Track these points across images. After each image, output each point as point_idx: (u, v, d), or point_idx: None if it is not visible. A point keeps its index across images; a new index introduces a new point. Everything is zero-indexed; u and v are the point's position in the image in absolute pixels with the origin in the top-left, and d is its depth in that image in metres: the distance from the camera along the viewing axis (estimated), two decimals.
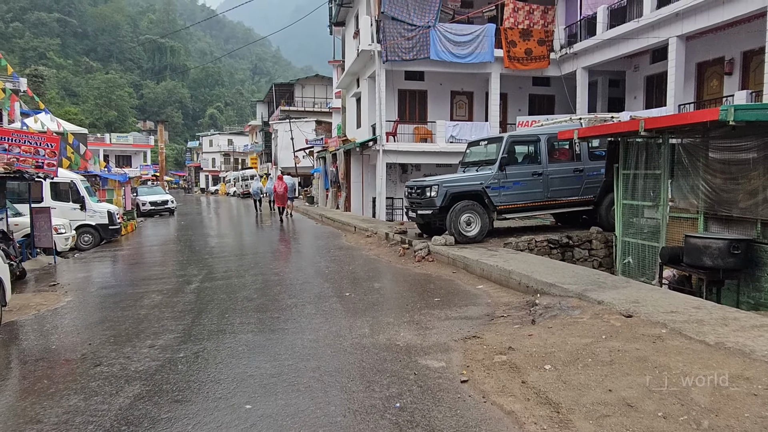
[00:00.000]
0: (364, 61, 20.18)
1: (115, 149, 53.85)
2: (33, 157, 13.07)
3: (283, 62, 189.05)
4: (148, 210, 30.09)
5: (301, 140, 40.08)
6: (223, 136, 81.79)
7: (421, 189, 10.58)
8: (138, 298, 8.12)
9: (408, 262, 10.02)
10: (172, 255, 13.78)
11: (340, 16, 24.60)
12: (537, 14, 19.93)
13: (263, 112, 62.22)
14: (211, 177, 78.69)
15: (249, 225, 21.81)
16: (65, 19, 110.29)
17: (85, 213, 16.97)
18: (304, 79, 54.42)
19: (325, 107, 50.41)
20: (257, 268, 10.42)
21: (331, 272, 9.48)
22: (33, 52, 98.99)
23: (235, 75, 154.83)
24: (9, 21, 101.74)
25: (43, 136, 13.27)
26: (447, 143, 19.65)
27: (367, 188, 21.06)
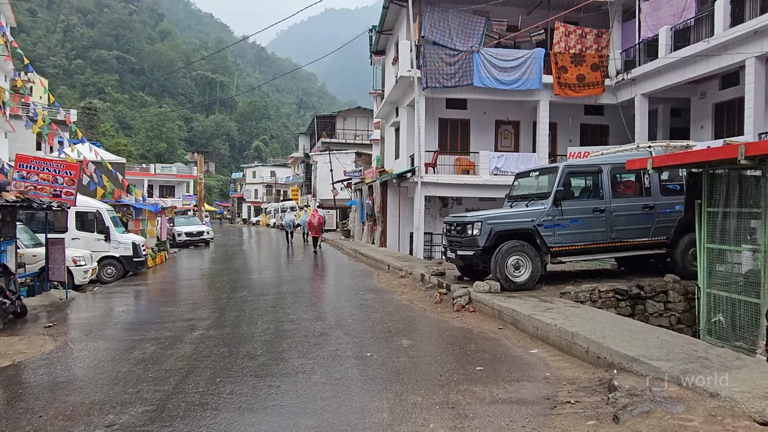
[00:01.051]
0: (404, 89, 19.17)
1: (160, 179, 54.74)
2: (51, 186, 12.42)
3: (328, 97, 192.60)
4: (184, 241, 29.68)
5: (340, 172, 39.39)
6: (266, 167, 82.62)
7: (462, 226, 9.18)
8: (129, 348, 6.98)
9: (445, 311, 8.56)
10: (189, 293, 12.75)
11: (380, 45, 23.86)
12: (590, 38, 18.54)
13: (305, 144, 62.37)
14: (253, 208, 79.21)
15: (279, 259, 20.77)
16: (124, 56, 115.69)
17: (109, 244, 16.31)
18: (345, 111, 54.30)
19: (365, 139, 49.94)
20: (273, 312, 9.17)
21: (355, 322, 8.12)
22: (93, 87, 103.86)
23: (281, 109, 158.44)
24: (72, 58, 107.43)
25: (62, 163, 12.65)
26: (491, 175, 18.23)
27: (405, 223, 19.76)
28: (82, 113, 62.85)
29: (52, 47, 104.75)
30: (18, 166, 12.23)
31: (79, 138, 24.58)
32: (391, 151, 22.99)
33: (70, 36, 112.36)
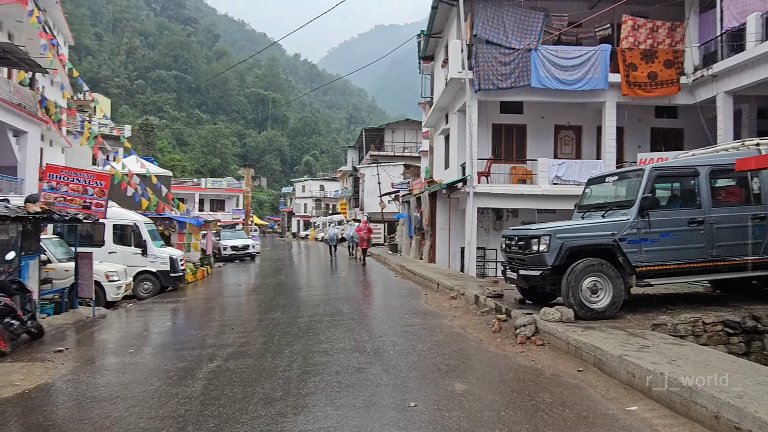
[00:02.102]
0: (454, 93, 17.85)
1: (210, 193, 55.34)
2: (80, 197, 11.79)
3: (377, 112, 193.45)
4: (229, 254, 29.24)
5: (387, 185, 38.33)
6: (316, 181, 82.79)
7: (526, 240, 7.73)
8: (130, 384, 5.93)
9: (506, 343, 7.12)
10: (220, 313, 11.78)
11: (428, 50, 22.67)
12: (662, 32, 16.69)
13: (354, 158, 61.91)
14: (302, 222, 79.37)
15: (321, 275, 19.72)
16: (182, 76, 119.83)
17: (146, 258, 15.68)
18: (394, 123, 53.43)
19: (414, 152, 48.85)
20: (305, 339, 7.99)
21: (398, 354, 6.81)
22: (152, 106, 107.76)
23: (331, 124, 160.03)
24: (134, 79, 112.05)
25: (92, 173, 12.02)
26: (550, 185, 16.58)
27: (455, 236, 18.32)
28: (139, 130, 64.80)
29: (115, 68, 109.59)
30: (47, 177, 11.68)
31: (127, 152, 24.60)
32: (441, 160, 21.65)
33: (132, 58, 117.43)
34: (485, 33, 15.91)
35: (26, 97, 19.58)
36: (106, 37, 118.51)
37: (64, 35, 33.47)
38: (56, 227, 14.87)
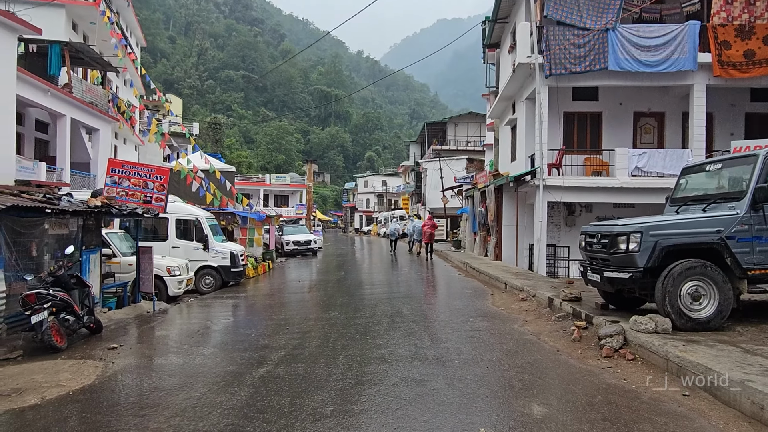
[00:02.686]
0: (522, 79, 16.75)
1: (275, 189, 56.31)
2: (141, 191, 11.78)
3: (440, 106, 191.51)
4: (291, 250, 29.36)
5: (450, 179, 37.37)
6: (378, 177, 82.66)
7: (611, 238, 6.76)
8: (174, 390, 5.54)
9: (589, 355, 6.21)
10: (277, 310, 11.43)
11: (494, 36, 21.56)
12: (761, 5, 14.86)
13: (416, 153, 61.15)
14: (365, 217, 79.54)
15: (382, 272, 19.17)
16: (249, 75, 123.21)
17: (208, 253, 15.69)
18: (456, 117, 52.20)
19: (478, 145, 47.52)
20: (362, 342, 7.40)
21: (463, 364, 6.07)
22: (221, 105, 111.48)
23: (394, 120, 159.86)
24: (205, 79, 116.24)
25: (153, 168, 11.98)
26: (630, 177, 15.20)
27: (523, 232, 17.25)
28: (207, 128, 66.98)
29: (187, 70, 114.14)
30: (110, 171, 11.74)
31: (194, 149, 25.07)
32: (507, 152, 20.54)
33: (203, 59, 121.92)
34: (557, 13, 14.72)
35: (98, 96, 20.22)
36: (179, 40, 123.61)
37: (136, 36, 34.73)
38: (123, 222, 15.13)
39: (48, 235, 8.72)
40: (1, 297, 7.49)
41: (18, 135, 18.22)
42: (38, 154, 18.93)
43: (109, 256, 12.96)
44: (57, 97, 16.71)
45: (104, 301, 10.80)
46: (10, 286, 7.83)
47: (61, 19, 21.36)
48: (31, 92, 15.18)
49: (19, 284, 8.02)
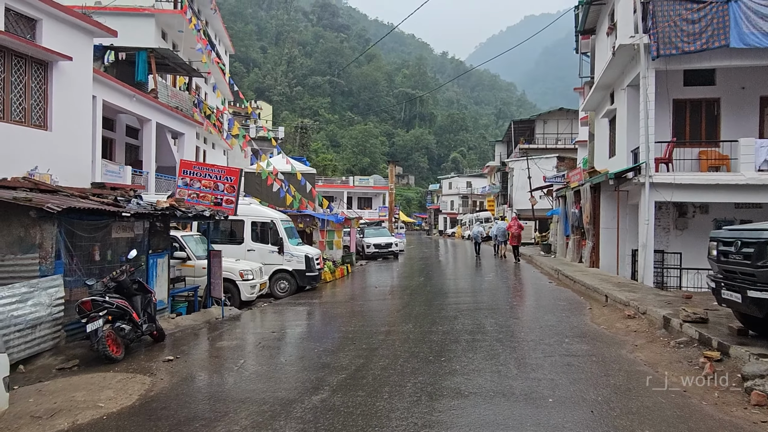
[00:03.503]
0: (623, 64, 14.85)
1: (358, 191, 56.38)
2: (212, 193, 11.46)
3: (528, 105, 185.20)
4: (372, 253, 28.77)
5: (539, 179, 35.21)
6: (462, 178, 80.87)
7: (759, 246, 5.21)
8: (213, 421, 4.81)
9: (730, 401, 4.75)
10: (347, 320, 10.62)
11: (588, 21, 19.60)
12: None
13: (502, 152, 58.87)
14: (449, 219, 78.05)
15: (465, 278, 17.92)
16: (335, 81, 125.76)
17: (283, 257, 15.28)
18: (545, 113, 49.50)
19: (569, 143, 44.70)
20: (434, 366, 6.34)
21: (559, 405, 4.84)
22: (309, 111, 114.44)
23: (479, 120, 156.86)
24: (293, 86, 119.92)
25: (223, 168, 11.65)
26: (757, 172, 12.94)
27: (624, 236, 15.31)
28: (294, 132, 68.62)
29: (278, 78, 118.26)
30: (182, 173, 11.54)
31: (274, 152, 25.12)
32: (604, 147, 18.54)
33: (292, 67, 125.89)
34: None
35: (183, 100, 20.65)
36: (270, 50, 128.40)
37: (224, 44, 35.85)
38: (201, 224, 15.11)
39: (112, 238, 8.43)
40: (60, 303, 7.21)
41: (109, 140, 18.99)
42: (129, 158, 19.59)
43: (183, 260, 12.83)
44: (143, 102, 17.10)
45: (173, 306, 10.53)
46: (70, 292, 7.57)
47: (150, 29, 22.12)
48: (117, 98, 15.55)
49: (81, 290, 7.76)
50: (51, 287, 7.10)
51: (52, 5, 9.49)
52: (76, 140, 10.36)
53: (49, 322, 7.04)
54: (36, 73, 9.43)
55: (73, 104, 10.29)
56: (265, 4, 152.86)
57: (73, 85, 10.18)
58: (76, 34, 10.23)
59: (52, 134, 9.81)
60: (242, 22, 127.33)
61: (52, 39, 9.55)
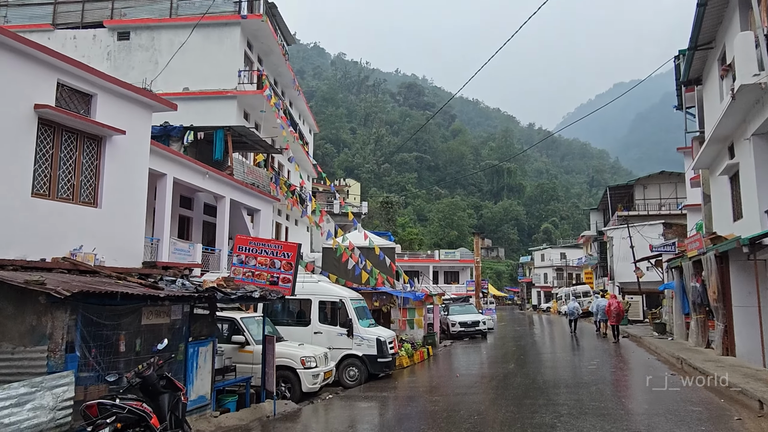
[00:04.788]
0: (744, 109, 12.53)
1: (444, 265, 54.42)
2: (268, 271, 10.40)
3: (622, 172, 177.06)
4: (458, 332, 26.51)
5: (643, 248, 31.67)
6: (555, 249, 76.38)
7: None
8: None
9: None
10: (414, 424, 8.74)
11: (693, 70, 17.43)
12: None
13: (598, 221, 55.01)
14: (543, 293, 73.24)
15: (563, 365, 15.34)
16: (422, 156, 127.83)
17: (352, 340, 13.77)
18: (645, 178, 45.78)
19: (674, 209, 40.67)
20: None
21: None
22: (396, 186, 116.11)
23: (570, 189, 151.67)
24: (381, 163, 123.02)
25: (279, 244, 10.61)
26: None
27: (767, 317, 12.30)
28: (380, 208, 68.92)
29: (366, 156, 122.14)
30: (237, 249, 10.63)
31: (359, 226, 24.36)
32: (725, 209, 15.74)
33: (379, 145, 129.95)
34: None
35: (260, 177, 20.58)
36: (359, 130, 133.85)
37: (309, 124, 36.84)
38: (268, 305, 14.13)
39: (142, 325, 7.43)
40: (68, 406, 6.12)
41: (186, 218, 19.02)
42: (206, 236, 19.47)
43: (242, 344, 11.74)
44: (217, 180, 16.98)
45: (219, 402, 9.25)
46: (86, 390, 6.51)
47: (233, 110, 22.76)
48: (190, 176, 15.47)
49: (100, 388, 6.71)
50: (58, 386, 6.05)
51: (107, 79, 9.29)
52: (127, 217, 9.84)
53: (51, 429, 5.94)
54: (88, 148, 9.10)
55: (127, 180, 9.87)
56: (354, 89, 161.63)
57: (127, 160, 9.81)
58: (133, 108, 9.99)
59: (101, 211, 9.33)
60: (333, 106, 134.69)
61: (106, 113, 9.29)
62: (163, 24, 23.72)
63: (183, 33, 23.74)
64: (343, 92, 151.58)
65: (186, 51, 23.57)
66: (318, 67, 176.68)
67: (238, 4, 23.62)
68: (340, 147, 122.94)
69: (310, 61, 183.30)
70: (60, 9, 24.33)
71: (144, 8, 24.15)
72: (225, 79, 23.12)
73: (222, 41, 23.39)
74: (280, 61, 27.39)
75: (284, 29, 29.56)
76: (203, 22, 23.61)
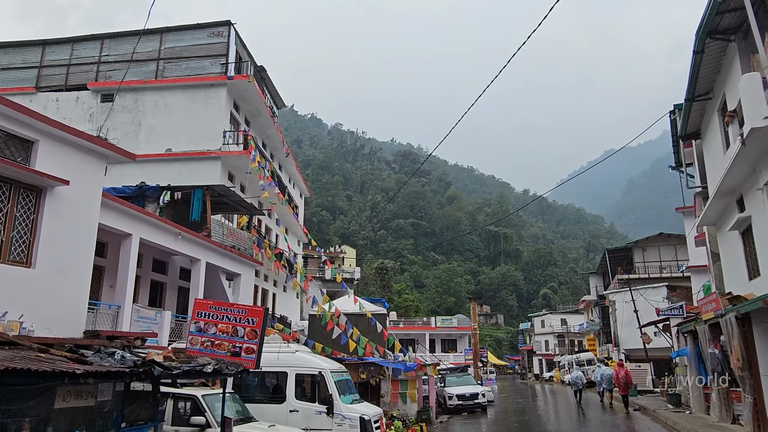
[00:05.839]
0: (754, 157, 11.61)
1: (441, 333, 52.24)
2: (229, 340, 9.04)
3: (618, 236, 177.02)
4: (455, 405, 24.47)
5: (647, 312, 30.16)
6: (556, 315, 74.19)
7: None
8: None
9: None
10: None
11: (691, 123, 16.77)
12: None
13: (597, 285, 53.57)
14: (545, 361, 70.36)
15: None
16: (418, 223, 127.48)
17: (332, 420, 12.15)
18: (643, 240, 44.93)
19: (675, 271, 39.60)
20: None
21: None
22: (392, 253, 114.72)
23: (568, 254, 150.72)
24: (377, 230, 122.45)
25: (244, 308, 9.29)
26: None
27: None
28: (375, 274, 67.32)
29: (362, 223, 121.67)
30: (195, 315, 9.32)
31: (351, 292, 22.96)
32: (738, 267, 14.54)
33: (375, 212, 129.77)
34: None
35: (241, 239, 19.45)
36: (355, 198, 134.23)
37: (299, 188, 36.14)
38: (237, 378, 12.59)
39: (55, 409, 6.02)
40: None
41: (159, 284, 17.69)
42: (181, 303, 18.10)
43: (202, 427, 10.15)
44: (192, 242, 15.83)
45: None
46: None
47: (216, 171, 21.94)
48: (159, 236, 14.33)
49: None
50: None
51: (52, 124, 8.35)
52: (68, 280, 8.60)
53: None
54: (24, 199, 7.99)
55: (71, 237, 8.71)
56: (350, 157, 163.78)
57: (72, 215, 8.69)
58: (83, 157, 9.01)
59: (35, 272, 8.11)
60: (329, 174, 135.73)
61: (49, 162, 8.25)
62: (148, 86, 23.38)
63: (168, 94, 23.41)
64: (339, 160, 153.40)
65: (170, 112, 23.14)
66: (315, 137, 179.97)
67: (225, 66, 23.39)
68: (336, 214, 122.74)
69: (307, 131, 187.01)
70: (44, 72, 24.08)
71: (130, 71, 23.91)
72: (210, 140, 22.50)
73: (208, 102, 22.97)
74: (268, 123, 26.97)
75: (274, 92, 29.41)
76: (189, 84, 23.33)
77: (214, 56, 23.81)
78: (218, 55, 23.80)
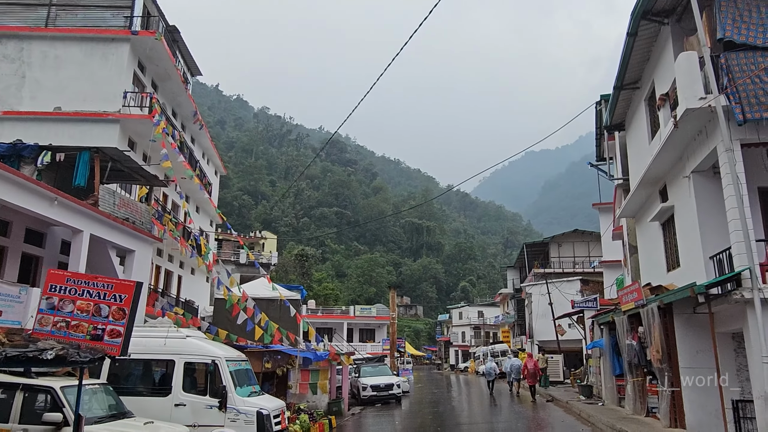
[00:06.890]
0: (683, 142, 11.26)
1: (360, 322, 51.37)
2: (89, 320, 7.31)
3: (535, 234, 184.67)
4: (369, 396, 23.51)
5: (562, 305, 30.70)
6: (473, 307, 75.61)
7: None
8: None
9: None
10: None
11: (617, 113, 16.59)
12: None
13: (515, 279, 54.79)
14: (461, 352, 71.53)
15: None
16: (342, 212, 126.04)
17: (224, 415, 10.63)
18: (560, 236, 46.27)
19: (587, 267, 41.05)
20: None
21: None
22: (315, 241, 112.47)
23: (487, 250, 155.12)
24: (300, 217, 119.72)
25: (111, 282, 7.58)
26: None
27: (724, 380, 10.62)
28: (295, 261, 65.33)
29: (285, 209, 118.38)
30: (47, 290, 7.51)
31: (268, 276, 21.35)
32: (658, 258, 14.45)
33: (299, 199, 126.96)
34: (739, 33, 9.68)
35: (137, 212, 17.23)
36: (279, 183, 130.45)
37: (215, 164, 33.63)
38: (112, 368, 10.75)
39: None
40: None
41: (34, 258, 15.25)
42: None
43: (58, 425, 8.34)
44: (72, 209, 13.56)
45: None
46: None
47: (114, 136, 19.38)
48: (29, 201, 12.02)
49: None
50: None
51: None
52: None
53: None
54: None
55: None
56: (276, 142, 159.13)
57: None
58: None
59: None
60: (253, 158, 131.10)
61: None
62: (35, 34, 20.34)
63: (60, 45, 20.51)
64: (264, 144, 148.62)
65: (62, 66, 20.28)
66: (240, 119, 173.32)
67: (129, 19, 20.80)
68: (259, 199, 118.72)
69: (231, 112, 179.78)
70: None
71: (16, 15, 20.73)
72: (108, 101, 19.82)
73: (107, 58, 20.27)
74: (179, 90, 24.50)
75: (188, 57, 26.87)
76: (86, 36, 20.56)
77: (117, 8, 21.10)
78: (122, 7, 21.10)
